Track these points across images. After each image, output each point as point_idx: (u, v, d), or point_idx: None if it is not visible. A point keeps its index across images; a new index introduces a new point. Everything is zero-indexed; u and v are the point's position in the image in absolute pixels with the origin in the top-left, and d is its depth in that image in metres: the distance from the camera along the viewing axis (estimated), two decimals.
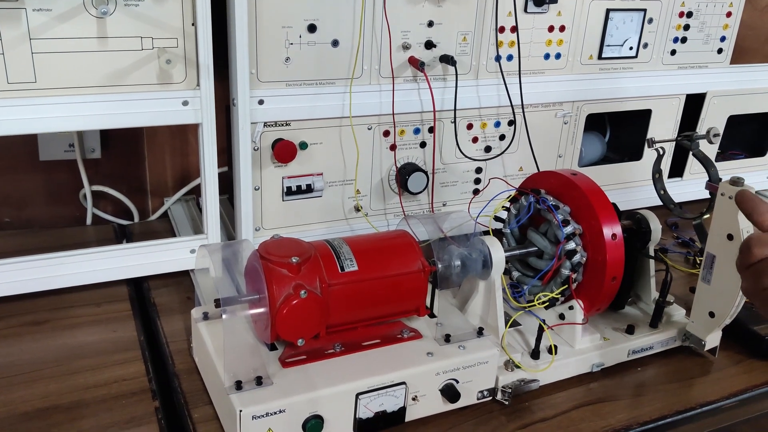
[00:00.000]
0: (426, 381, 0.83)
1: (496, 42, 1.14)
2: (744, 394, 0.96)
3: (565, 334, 0.96)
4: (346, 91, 1.07)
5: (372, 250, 0.86)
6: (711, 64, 1.37)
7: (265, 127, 1.04)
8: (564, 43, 1.20)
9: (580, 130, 1.29)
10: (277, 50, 1.01)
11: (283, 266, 0.79)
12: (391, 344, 0.86)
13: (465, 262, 0.90)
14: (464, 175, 1.21)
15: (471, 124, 1.18)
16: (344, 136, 1.10)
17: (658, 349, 1.01)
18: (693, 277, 1.22)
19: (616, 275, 0.92)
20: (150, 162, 1.32)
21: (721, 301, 0.95)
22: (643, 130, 1.36)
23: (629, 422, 0.89)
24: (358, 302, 0.83)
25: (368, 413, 0.80)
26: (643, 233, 1.01)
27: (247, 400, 0.75)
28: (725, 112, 1.40)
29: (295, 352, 0.82)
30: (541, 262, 0.97)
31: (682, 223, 1.40)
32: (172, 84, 0.97)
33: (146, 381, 0.89)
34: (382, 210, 1.17)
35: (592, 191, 0.94)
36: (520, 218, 0.99)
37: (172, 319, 1.02)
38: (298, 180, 1.10)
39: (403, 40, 1.08)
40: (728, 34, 1.35)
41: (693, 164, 1.43)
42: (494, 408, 0.89)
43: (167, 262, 1.08)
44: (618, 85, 1.28)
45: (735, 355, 1.03)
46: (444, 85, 1.13)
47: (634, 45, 1.27)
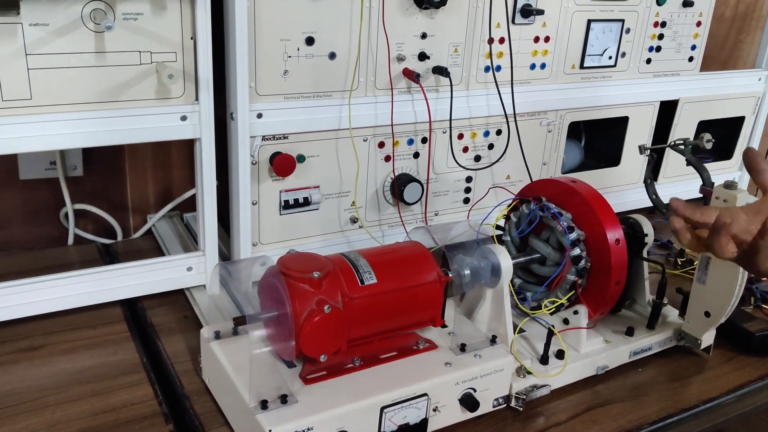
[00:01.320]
0: (446, 391, 0.84)
1: (491, 51, 1.15)
2: (738, 391, 1.00)
3: (570, 338, 0.98)
4: (343, 104, 1.07)
5: (389, 262, 0.86)
6: (683, 72, 1.42)
7: (263, 140, 1.03)
8: (549, 53, 1.23)
9: (563, 138, 1.32)
10: (276, 63, 1.00)
11: (304, 281, 0.78)
12: (409, 356, 0.86)
13: (475, 270, 0.91)
14: (455, 185, 1.22)
15: (462, 134, 1.20)
16: (341, 148, 1.10)
17: (656, 349, 1.04)
18: (676, 278, 1.26)
19: (619, 279, 0.95)
20: (131, 178, 1.29)
21: (716, 301, 0.98)
22: (620, 136, 1.40)
23: (639, 422, 0.91)
24: (378, 315, 0.83)
25: (392, 426, 0.80)
26: (639, 237, 1.04)
27: (274, 419, 0.74)
28: (696, 117, 1.46)
29: (315, 368, 0.82)
30: (544, 269, 0.99)
31: (659, 226, 1.44)
32: (170, 99, 0.95)
33: (156, 404, 0.87)
34: (377, 221, 1.18)
35: (593, 198, 0.96)
36: (523, 227, 1.00)
37: (172, 339, 0.99)
38: (295, 193, 1.09)
39: (398, 52, 1.09)
40: (698, 43, 1.41)
41: (667, 168, 1.48)
42: (508, 415, 0.90)
43: (162, 281, 1.05)
44: (598, 93, 1.32)
45: (727, 353, 1.07)
46: (437, 96, 1.14)
47: (613, 54, 1.31)
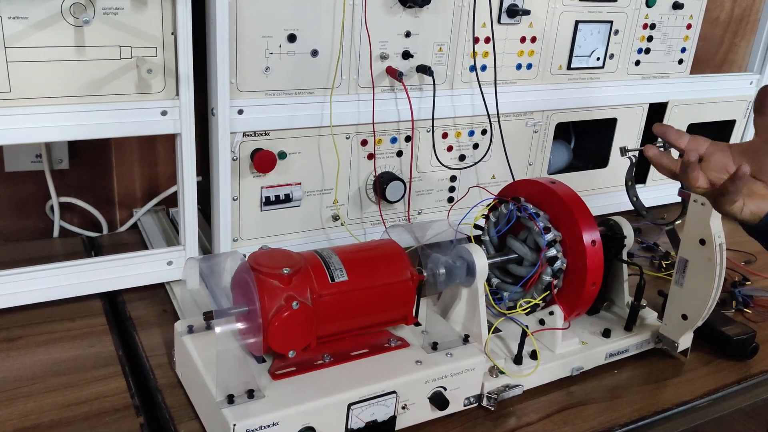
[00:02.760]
0: (415, 389, 0.84)
1: (474, 51, 1.15)
2: (715, 394, 1.00)
3: (546, 339, 0.98)
4: (325, 101, 1.07)
5: (361, 260, 0.86)
6: (672, 74, 1.41)
7: (244, 136, 1.04)
8: (535, 53, 1.23)
9: (549, 139, 1.32)
10: (257, 60, 1.01)
11: (274, 277, 0.79)
12: (380, 353, 0.86)
13: (450, 269, 0.91)
14: (439, 184, 1.23)
15: (446, 133, 1.20)
16: (322, 145, 1.10)
17: (633, 351, 1.04)
18: (659, 281, 1.26)
19: (595, 281, 0.95)
20: (118, 172, 1.30)
21: (693, 304, 0.98)
22: (608, 138, 1.40)
23: (610, 424, 0.91)
24: (348, 312, 0.83)
25: (359, 423, 0.81)
26: (618, 239, 1.04)
27: (239, 413, 0.74)
28: (685, 120, 1.45)
29: (284, 364, 0.82)
30: (521, 269, 0.99)
31: (646, 228, 1.44)
32: (150, 94, 0.96)
33: (128, 397, 0.87)
34: (359, 219, 1.18)
35: (571, 199, 0.96)
36: (500, 227, 1.00)
37: (150, 333, 1.00)
38: (276, 190, 1.09)
39: (381, 50, 1.09)
40: (688, 45, 1.40)
41: (655, 171, 1.47)
42: (480, 414, 0.90)
43: (143, 275, 1.06)
44: (585, 94, 1.32)
45: (705, 356, 1.06)
46: (420, 95, 1.14)
47: (601, 56, 1.30)
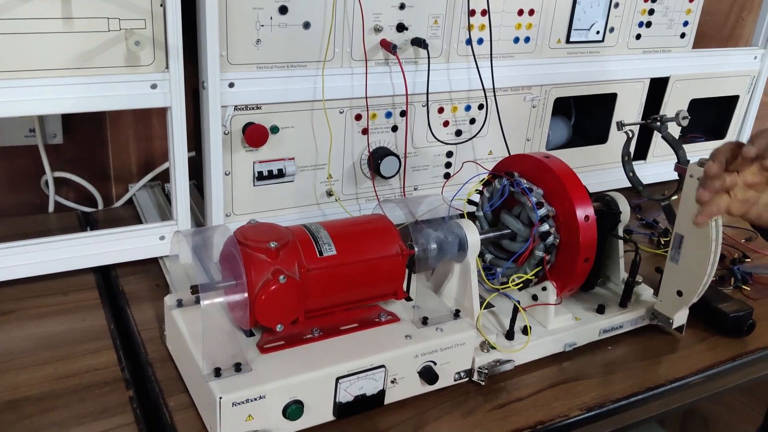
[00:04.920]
0: (405, 364, 0.83)
1: (469, 23, 1.14)
2: (710, 371, 0.99)
3: (539, 314, 0.98)
4: (318, 74, 1.06)
5: (350, 234, 0.85)
6: (674, 49, 1.39)
7: (236, 110, 1.03)
8: (533, 26, 1.21)
9: (548, 114, 1.30)
10: (248, 32, 0.99)
11: (261, 251, 0.78)
12: (369, 328, 0.86)
13: (441, 245, 0.91)
14: (435, 159, 1.22)
15: (442, 108, 1.18)
16: (316, 119, 1.09)
17: (627, 327, 1.03)
18: (658, 258, 1.25)
19: (588, 256, 0.94)
20: (113, 147, 1.29)
21: (688, 280, 0.97)
22: (608, 113, 1.38)
23: (601, 400, 0.91)
24: (336, 286, 0.83)
25: (348, 397, 0.80)
26: (613, 215, 1.03)
27: (226, 387, 0.74)
28: (687, 95, 1.43)
29: (273, 338, 0.82)
30: (515, 245, 0.98)
31: (646, 205, 1.43)
32: (140, 66, 0.95)
33: (119, 370, 0.87)
34: (354, 194, 1.17)
35: (565, 174, 0.95)
36: (494, 201, 0.99)
37: (142, 307, 1.00)
38: (269, 165, 1.08)
39: (375, 23, 1.07)
40: (691, 19, 1.38)
41: (656, 147, 1.46)
42: (471, 389, 0.90)
43: (135, 250, 1.06)
44: (585, 69, 1.30)
45: (700, 333, 1.06)
46: (415, 68, 1.12)
47: (601, 29, 1.28)
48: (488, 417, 0.86)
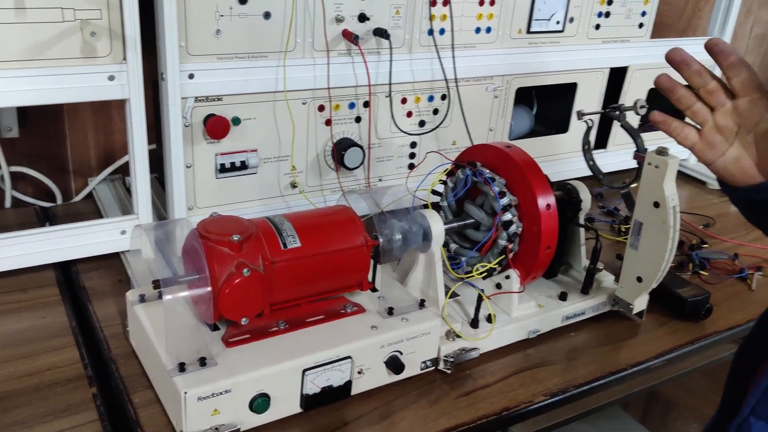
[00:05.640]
0: (371, 354, 0.84)
1: (430, 13, 1.14)
2: (670, 354, 1.01)
3: (503, 302, 0.99)
4: (280, 65, 1.05)
5: (314, 226, 0.85)
6: (633, 38, 1.41)
7: (196, 102, 1.01)
8: (494, 17, 1.22)
9: (510, 104, 1.31)
10: (207, 22, 0.98)
11: (224, 244, 0.77)
12: (335, 319, 0.86)
13: (406, 235, 0.91)
14: (399, 150, 1.22)
15: (405, 99, 1.18)
16: (278, 111, 1.08)
17: (589, 314, 1.05)
18: (619, 245, 1.27)
19: (550, 244, 0.95)
20: (72, 141, 1.27)
21: (648, 266, 0.99)
22: (569, 103, 1.40)
23: (565, 385, 0.92)
24: (301, 279, 0.83)
25: (315, 389, 0.80)
26: (574, 203, 1.04)
27: (191, 381, 0.73)
28: (646, 84, 1.46)
29: (238, 332, 0.81)
30: (479, 234, 0.99)
31: (607, 193, 1.45)
32: (96, 58, 0.93)
33: (81, 367, 0.86)
34: (319, 186, 1.17)
35: (526, 163, 0.96)
36: (457, 191, 1.00)
37: (104, 303, 0.98)
38: (231, 157, 1.07)
39: (336, 13, 1.07)
40: (649, 9, 1.40)
41: (617, 136, 1.48)
42: (437, 377, 0.91)
43: (96, 245, 1.04)
44: (546, 59, 1.31)
45: (660, 318, 1.08)
46: (378, 59, 1.12)
47: (561, 19, 1.29)
48: (454, 405, 0.87)
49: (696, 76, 0.79)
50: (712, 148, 0.79)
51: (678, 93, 0.81)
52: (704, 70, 0.80)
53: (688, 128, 0.81)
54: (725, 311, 1.10)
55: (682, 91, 0.80)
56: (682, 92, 0.80)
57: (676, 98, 0.81)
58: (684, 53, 0.80)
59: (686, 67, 0.80)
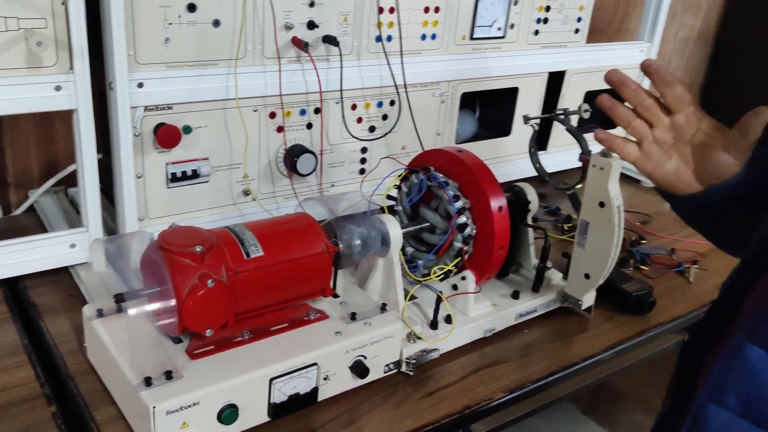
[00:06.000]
0: (336, 360, 0.85)
1: (379, 21, 1.15)
2: (618, 347, 1.06)
3: (459, 303, 1.01)
4: (230, 73, 1.05)
5: (275, 234, 0.85)
6: (569, 44, 1.46)
7: (146, 111, 1.00)
8: (439, 24, 1.24)
9: (456, 109, 1.34)
10: (156, 30, 0.97)
11: (186, 256, 0.77)
12: (300, 327, 0.86)
13: (365, 240, 0.92)
14: (351, 155, 1.23)
15: (355, 105, 1.20)
16: (230, 118, 1.07)
17: (541, 311, 1.08)
18: (563, 243, 1.32)
19: (503, 245, 0.98)
20: (12, 152, 1.22)
21: (594, 263, 1.03)
22: (511, 107, 1.44)
23: (522, 381, 0.95)
24: (265, 287, 0.83)
25: (282, 397, 0.81)
26: (523, 204, 1.07)
27: (158, 395, 0.73)
28: (582, 88, 1.51)
29: (202, 343, 0.81)
30: (434, 237, 1.01)
31: (549, 193, 1.50)
32: (42, 68, 0.91)
33: (38, 386, 0.84)
34: (272, 193, 1.16)
35: (478, 167, 0.99)
36: (412, 196, 1.02)
37: (57, 319, 0.96)
38: (183, 165, 1.06)
39: (286, 20, 1.07)
40: (584, 15, 1.45)
41: (556, 138, 1.53)
42: (400, 380, 0.92)
43: (45, 259, 1.01)
44: (489, 64, 1.34)
45: (607, 312, 1.12)
46: (327, 65, 1.13)
47: (502, 26, 1.33)
48: (418, 406, 0.88)
49: (633, 95, 0.84)
50: (652, 160, 0.84)
51: (618, 111, 0.85)
52: (640, 88, 0.85)
53: (630, 144, 0.86)
54: (667, 304, 1.15)
55: (621, 109, 0.85)
56: (621, 110, 0.85)
57: (617, 116, 0.86)
58: (620, 74, 0.85)
59: (624, 87, 0.85)
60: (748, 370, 0.59)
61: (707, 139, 0.81)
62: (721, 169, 0.79)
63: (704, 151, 0.80)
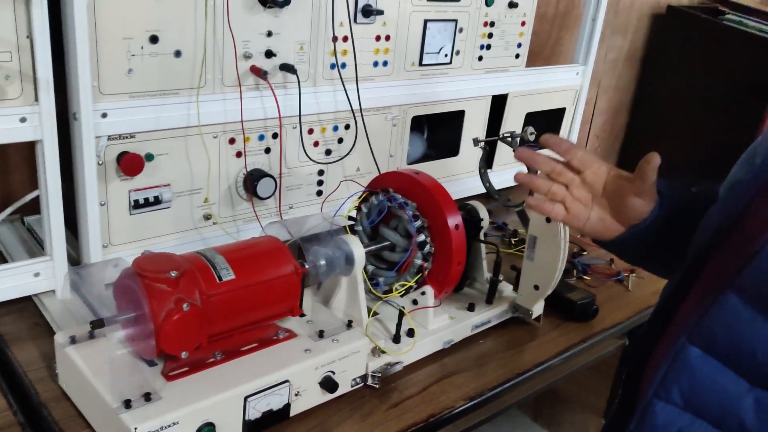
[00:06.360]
0: (306, 376, 0.88)
1: (335, 49, 1.21)
2: (566, 353, 1.13)
3: (419, 317, 1.06)
4: (190, 101, 1.08)
5: (246, 258, 0.89)
6: (511, 68, 1.55)
7: (109, 140, 1.02)
8: (390, 51, 1.30)
9: (407, 131, 1.40)
10: (119, 62, 0.99)
11: (161, 281, 0.80)
12: (270, 346, 0.90)
13: (330, 260, 0.96)
14: (308, 178, 1.27)
15: (312, 129, 1.24)
16: (190, 145, 1.10)
17: (494, 321, 1.15)
18: (511, 257, 1.39)
19: (460, 260, 1.04)
20: None
21: (543, 275, 1.10)
22: (458, 128, 1.51)
23: (481, 389, 1.01)
24: (238, 309, 0.86)
25: (256, 414, 0.84)
26: (476, 222, 1.14)
27: (139, 417, 0.75)
28: (523, 109, 1.60)
29: (177, 365, 0.83)
30: (395, 255, 1.06)
31: (496, 210, 1.57)
32: (6, 100, 0.92)
33: (10, 414, 0.85)
34: (232, 216, 1.19)
35: (435, 188, 1.04)
36: (373, 218, 1.07)
37: (23, 348, 0.96)
38: (145, 192, 1.08)
39: (244, 50, 1.11)
40: (523, 41, 1.54)
41: (499, 157, 1.61)
42: (366, 393, 0.97)
43: (9, 289, 1.01)
44: (437, 89, 1.41)
45: (554, 321, 1.20)
46: (285, 92, 1.17)
47: (449, 52, 1.40)
48: (385, 416, 0.93)
49: (543, 165, 0.91)
50: (577, 217, 0.91)
51: (535, 183, 0.92)
52: (548, 159, 0.92)
53: (557, 206, 0.91)
54: (609, 311, 1.23)
55: (537, 181, 0.92)
56: (538, 181, 0.92)
57: (535, 186, 0.92)
58: (527, 152, 0.93)
59: (533, 162, 0.93)
60: (689, 367, 0.66)
61: (617, 188, 0.89)
62: (637, 211, 0.87)
63: (618, 198, 0.88)
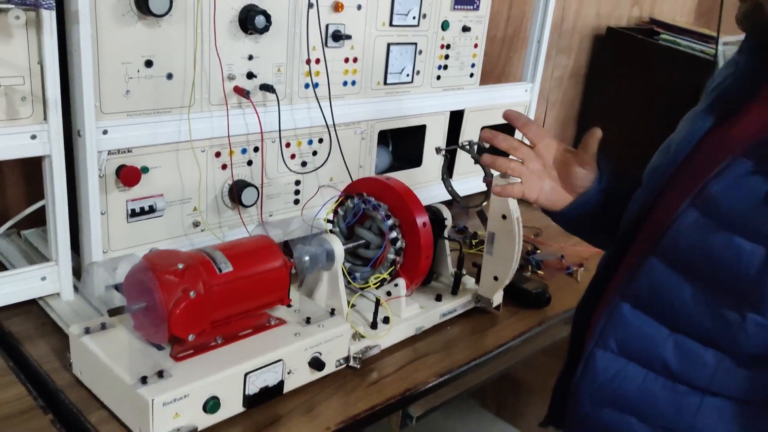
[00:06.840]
0: (297, 356, 1.00)
1: (310, 70, 1.34)
2: (523, 335, 1.27)
3: (393, 306, 1.19)
4: (182, 119, 1.19)
5: (241, 253, 1.00)
6: (466, 86, 1.70)
7: (109, 154, 1.13)
8: (357, 72, 1.44)
9: (374, 144, 1.53)
10: (118, 84, 1.11)
11: (170, 273, 0.91)
12: (263, 331, 1.01)
13: (313, 257, 1.09)
14: (286, 188, 1.39)
15: (289, 143, 1.36)
16: (181, 158, 1.22)
17: (459, 310, 1.28)
18: (471, 255, 1.52)
19: (428, 255, 1.17)
20: None
21: (501, 267, 1.24)
22: (420, 141, 1.65)
23: (450, 367, 1.14)
24: (235, 298, 0.97)
25: (255, 389, 0.95)
26: (441, 222, 1.27)
27: (154, 391, 0.86)
28: (479, 123, 1.74)
29: (183, 348, 0.94)
30: (369, 252, 1.19)
31: (457, 214, 1.71)
32: (19, 119, 1.03)
33: (31, 399, 0.94)
34: (218, 223, 1.31)
35: (404, 191, 1.18)
36: (349, 219, 1.20)
37: (35, 344, 1.06)
38: (141, 202, 1.19)
39: (228, 72, 1.23)
40: (477, 62, 1.69)
41: (459, 166, 1.75)
42: (348, 372, 1.09)
43: (18, 292, 1.11)
44: (400, 105, 1.55)
45: (512, 309, 1.33)
46: (265, 110, 1.29)
47: (410, 72, 1.54)
48: (367, 392, 1.05)
49: (504, 143, 1.05)
50: (532, 188, 1.04)
51: (497, 162, 1.05)
52: (508, 137, 1.06)
53: (516, 186, 1.05)
54: (560, 299, 1.38)
55: (500, 160, 1.05)
56: (500, 160, 1.05)
57: (497, 165, 1.06)
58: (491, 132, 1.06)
59: (496, 139, 1.05)
60: (622, 320, 0.80)
61: (564, 159, 1.03)
62: (582, 180, 1.02)
63: (566, 168, 1.03)
